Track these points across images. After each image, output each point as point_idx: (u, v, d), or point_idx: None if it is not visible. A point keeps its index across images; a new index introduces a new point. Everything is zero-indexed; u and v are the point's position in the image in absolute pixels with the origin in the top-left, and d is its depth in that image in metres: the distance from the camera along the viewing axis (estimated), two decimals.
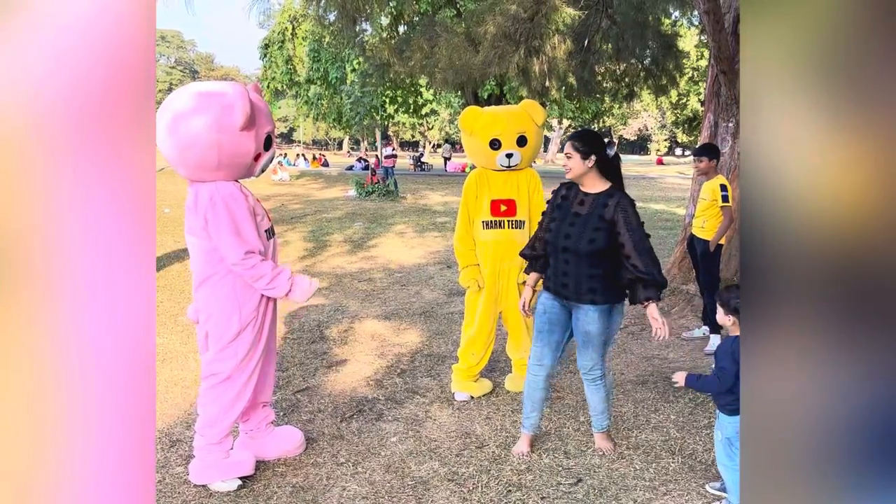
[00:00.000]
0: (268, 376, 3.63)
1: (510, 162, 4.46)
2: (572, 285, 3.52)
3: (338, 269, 9.21)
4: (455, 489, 3.38)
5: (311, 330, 6.18)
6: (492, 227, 4.49)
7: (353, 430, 4.08)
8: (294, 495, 3.34)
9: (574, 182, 3.63)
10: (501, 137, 4.42)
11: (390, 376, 5.02)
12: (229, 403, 3.37)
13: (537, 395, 3.74)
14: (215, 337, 3.35)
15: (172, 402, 4.49)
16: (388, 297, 7.59)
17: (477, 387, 4.66)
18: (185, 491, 3.38)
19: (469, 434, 4.02)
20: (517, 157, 4.46)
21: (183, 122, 3.15)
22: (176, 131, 3.17)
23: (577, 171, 3.52)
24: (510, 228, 4.49)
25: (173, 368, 5.12)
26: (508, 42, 8.71)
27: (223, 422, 3.38)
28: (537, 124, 4.55)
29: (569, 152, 3.53)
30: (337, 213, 15.60)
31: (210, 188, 3.24)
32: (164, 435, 4.00)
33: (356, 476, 3.53)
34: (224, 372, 3.33)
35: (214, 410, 3.37)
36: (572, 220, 3.54)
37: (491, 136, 4.43)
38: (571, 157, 3.51)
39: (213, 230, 3.21)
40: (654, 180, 29.73)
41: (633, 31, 10.67)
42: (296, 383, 4.85)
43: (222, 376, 3.34)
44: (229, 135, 3.17)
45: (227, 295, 3.31)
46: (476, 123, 4.48)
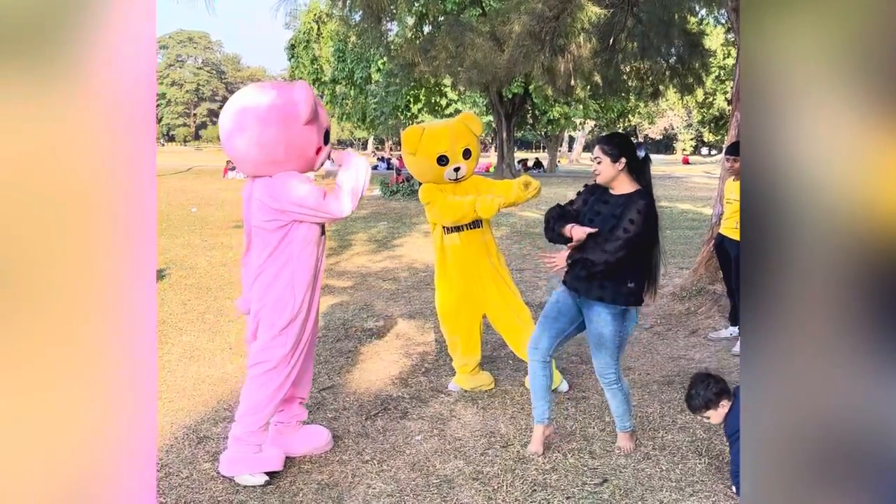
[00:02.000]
0: (307, 372, 3.74)
1: (458, 175, 4.58)
2: (584, 282, 3.53)
3: (362, 269, 9.24)
4: (480, 488, 3.39)
5: (336, 328, 6.22)
6: (452, 231, 4.57)
7: (378, 429, 4.09)
8: (319, 492, 3.36)
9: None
10: (448, 153, 4.50)
11: (415, 375, 5.04)
12: (273, 392, 3.46)
13: (537, 381, 3.74)
14: (267, 325, 3.44)
15: (200, 399, 4.54)
16: (413, 296, 7.60)
17: (470, 380, 4.71)
18: (213, 487, 3.41)
19: (494, 433, 4.02)
20: (464, 170, 4.59)
21: (252, 119, 3.31)
22: (244, 128, 3.32)
23: (607, 175, 3.51)
24: (469, 229, 4.57)
25: (201, 366, 5.17)
26: (534, 41, 8.67)
27: (265, 409, 3.46)
28: (476, 135, 4.68)
29: (598, 156, 3.53)
30: (361, 213, 15.65)
31: (274, 175, 3.38)
32: (192, 431, 4.04)
33: (381, 474, 3.54)
34: (272, 360, 3.42)
35: (259, 398, 3.44)
36: (592, 217, 3.54)
37: (437, 153, 4.50)
38: (601, 161, 3.50)
39: (286, 201, 3.33)
40: (680, 180, 29.51)
41: (659, 29, 10.58)
42: (321, 381, 4.88)
43: (270, 364, 3.42)
44: (295, 128, 3.33)
45: (285, 285, 3.42)
46: (419, 143, 4.52)
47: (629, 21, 10.63)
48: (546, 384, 3.75)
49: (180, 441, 3.92)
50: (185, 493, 3.36)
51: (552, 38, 8.98)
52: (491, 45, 9.40)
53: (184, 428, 4.08)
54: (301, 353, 3.52)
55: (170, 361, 5.27)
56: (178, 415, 4.27)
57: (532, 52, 8.75)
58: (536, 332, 3.75)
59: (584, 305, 3.60)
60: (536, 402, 3.77)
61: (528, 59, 8.75)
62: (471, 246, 4.58)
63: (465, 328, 4.67)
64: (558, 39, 9.11)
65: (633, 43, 11.12)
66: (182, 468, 3.60)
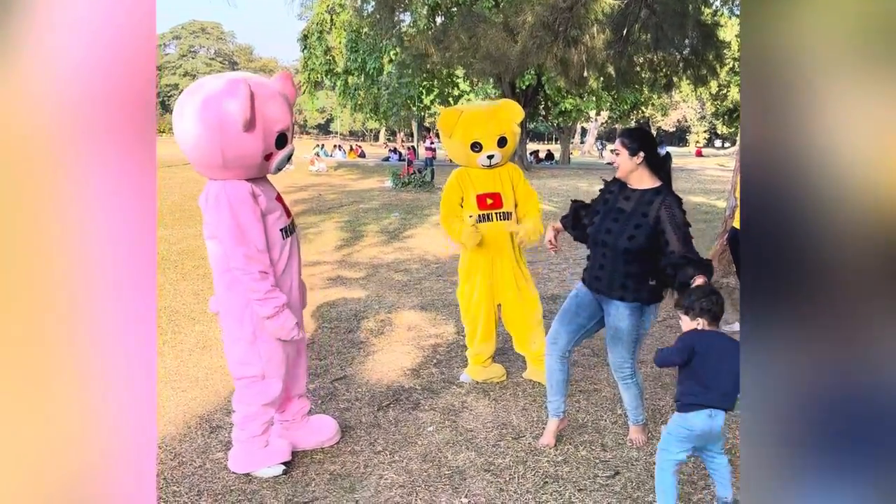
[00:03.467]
0: (299, 368, 3.65)
1: (491, 162, 4.52)
2: (605, 279, 3.51)
3: (374, 260, 9.25)
4: (491, 479, 3.39)
5: (348, 319, 6.23)
6: (481, 220, 4.53)
7: (390, 419, 4.10)
8: (332, 482, 3.38)
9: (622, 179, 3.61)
10: (482, 140, 4.45)
11: (427, 366, 5.04)
12: (269, 402, 3.41)
13: (555, 378, 3.73)
14: (232, 336, 3.35)
15: (212, 388, 4.56)
16: (425, 287, 7.61)
17: (482, 371, 4.71)
18: (226, 476, 3.43)
19: (506, 425, 4.02)
20: (498, 157, 4.52)
21: (186, 123, 3.11)
22: (182, 132, 3.14)
23: (625, 168, 3.50)
24: (499, 220, 4.54)
25: (213, 356, 5.19)
26: (547, 32, 8.63)
27: (263, 416, 3.44)
28: (516, 123, 4.59)
29: (617, 149, 3.51)
30: (373, 204, 15.67)
31: (217, 187, 3.19)
32: (205, 421, 4.06)
33: (393, 464, 3.55)
34: (256, 373, 3.35)
35: (251, 410, 3.41)
36: (616, 215, 3.52)
37: (471, 139, 4.46)
38: (620, 154, 3.49)
39: (216, 230, 3.20)
40: (694, 172, 29.34)
41: (673, 20, 10.50)
42: (333, 372, 4.89)
43: (256, 378, 3.36)
44: (231, 137, 3.07)
45: (240, 293, 3.26)
46: (455, 126, 4.50)
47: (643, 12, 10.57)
48: (563, 379, 3.75)
49: (193, 430, 3.94)
50: (198, 481, 3.38)
51: (566, 29, 8.94)
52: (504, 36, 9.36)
53: (196, 417, 4.10)
54: (284, 357, 3.40)
55: (182, 351, 5.29)
56: (191, 404, 4.29)
57: (545, 43, 8.72)
58: (555, 328, 3.74)
59: (604, 301, 3.59)
60: (552, 397, 3.77)
61: (542, 49, 8.72)
62: (499, 237, 4.55)
63: (484, 318, 4.66)
64: (572, 30, 9.07)
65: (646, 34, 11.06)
66: (195, 457, 3.62)
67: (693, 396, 2.95)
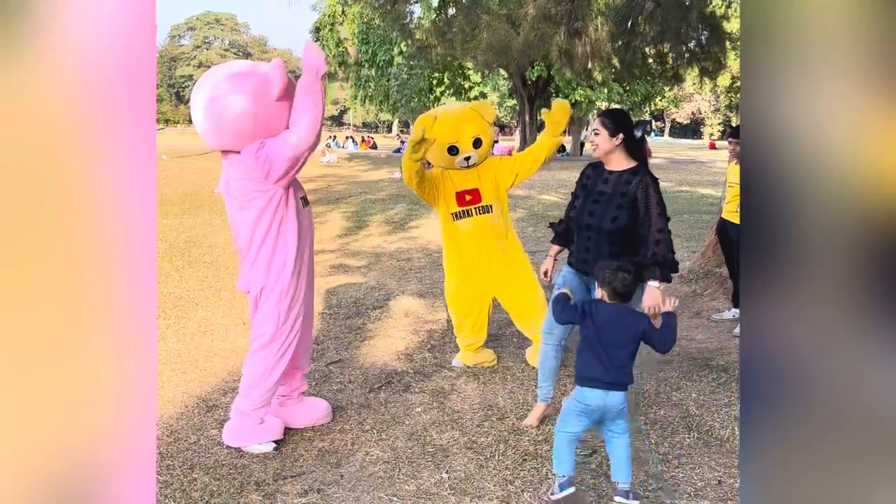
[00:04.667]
0: (305, 342, 3.82)
1: (469, 163, 4.67)
2: (592, 261, 3.58)
3: (377, 249, 9.39)
4: (473, 456, 3.52)
5: (347, 306, 6.37)
6: (461, 216, 4.68)
7: (381, 401, 4.24)
8: (319, 458, 3.52)
9: (600, 162, 3.70)
10: (458, 144, 4.59)
11: (420, 351, 5.17)
12: (271, 366, 3.57)
13: (548, 364, 3.84)
14: (262, 301, 3.56)
15: (211, 370, 4.71)
16: (425, 276, 7.74)
17: (473, 356, 4.84)
18: (218, 452, 3.58)
19: (492, 406, 4.14)
20: (475, 158, 4.67)
21: (223, 89, 3.34)
22: (215, 98, 3.35)
23: (604, 148, 3.59)
24: (479, 214, 4.68)
25: (214, 339, 5.35)
26: (549, 24, 8.71)
27: (265, 384, 3.58)
28: (489, 123, 4.74)
29: (597, 128, 3.60)
30: (381, 195, 15.81)
31: (239, 155, 3.42)
32: (202, 401, 4.21)
33: (380, 442, 3.68)
34: (267, 334, 3.54)
35: (258, 371, 3.57)
36: (596, 197, 3.61)
37: (447, 143, 4.59)
38: (599, 134, 3.58)
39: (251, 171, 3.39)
40: (705, 165, 29.29)
41: (677, 12, 10.53)
42: (329, 355, 5.04)
43: (265, 339, 3.54)
44: (265, 102, 3.35)
45: (272, 262, 3.49)
46: (431, 131, 4.59)
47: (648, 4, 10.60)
48: (557, 365, 3.87)
49: (190, 409, 4.09)
50: (191, 456, 3.53)
51: (568, 21, 9.01)
52: (507, 28, 9.44)
53: (194, 397, 4.26)
54: (294, 324, 3.60)
55: (185, 335, 5.45)
56: (190, 385, 4.44)
57: (547, 35, 8.79)
58: (551, 317, 3.81)
59: (593, 284, 3.66)
60: (543, 383, 3.89)
61: (544, 41, 8.79)
62: (480, 231, 4.68)
63: (472, 311, 4.79)
64: (575, 22, 9.13)
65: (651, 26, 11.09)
66: (190, 434, 3.77)
67: (590, 370, 3.01)
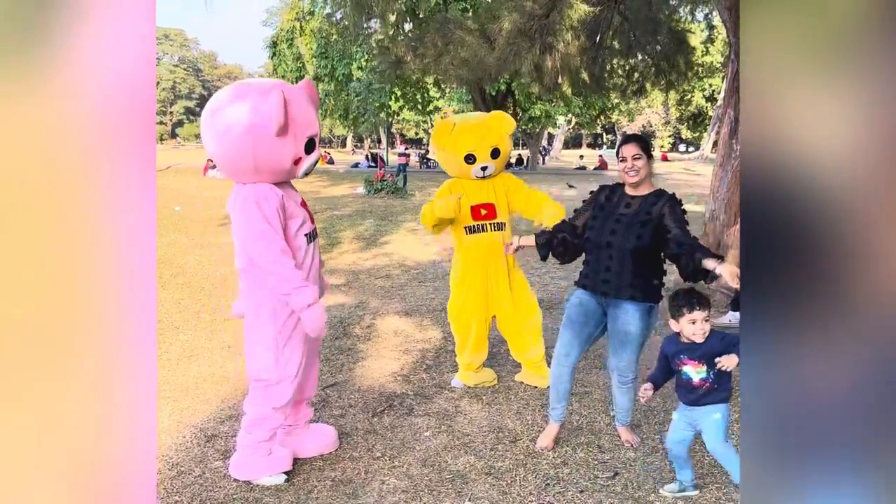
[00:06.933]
0: (311, 372, 3.67)
1: (485, 173, 4.58)
2: (614, 281, 3.51)
3: (353, 266, 9.23)
4: (493, 482, 3.41)
5: (334, 326, 6.21)
6: (474, 231, 4.57)
7: (386, 425, 4.11)
8: (334, 489, 3.37)
9: (618, 185, 3.66)
10: (476, 152, 4.50)
11: (417, 372, 5.05)
12: (281, 405, 3.41)
13: (563, 386, 3.77)
14: (254, 338, 3.37)
15: (203, 397, 4.52)
16: (408, 293, 7.61)
17: (473, 376, 4.74)
18: (227, 485, 3.41)
19: (501, 428, 4.05)
20: (491, 168, 4.58)
21: (222, 126, 3.18)
22: (216, 132, 3.20)
23: (644, 173, 3.54)
24: (492, 231, 4.59)
25: (201, 364, 5.15)
26: (523, 39, 8.71)
27: (272, 421, 3.43)
28: (508, 133, 4.65)
29: (638, 153, 3.51)
30: (346, 210, 15.62)
31: (247, 190, 3.26)
32: (200, 430, 4.03)
33: (394, 470, 3.56)
34: (273, 378, 3.36)
35: (264, 412, 3.41)
36: (618, 217, 3.56)
37: (465, 151, 4.50)
38: (640, 159, 3.51)
39: (246, 232, 3.22)
40: (660, 176, 29.67)
41: (645, 26, 10.67)
42: (324, 379, 4.88)
43: (272, 382, 3.36)
44: (265, 141, 3.16)
45: (267, 295, 3.30)
46: (448, 139, 4.53)
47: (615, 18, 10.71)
48: (570, 388, 3.81)
49: (189, 440, 3.91)
50: (199, 491, 3.36)
51: (542, 36, 9.02)
52: (480, 43, 9.42)
53: (191, 427, 4.07)
54: (300, 362, 3.42)
55: (170, 360, 5.24)
56: (184, 413, 4.25)
57: (522, 50, 8.79)
58: (566, 340, 3.73)
59: (612, 304, 3.59)
60: (556, 404, 3.81)
61: (519, 56, 8.79)
62: (491, 247, 4.56)
63: (476, 329, 4.67)
64: (547, 37, 9.15)
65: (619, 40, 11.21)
66: (193, 467, 3.60)
67: None
